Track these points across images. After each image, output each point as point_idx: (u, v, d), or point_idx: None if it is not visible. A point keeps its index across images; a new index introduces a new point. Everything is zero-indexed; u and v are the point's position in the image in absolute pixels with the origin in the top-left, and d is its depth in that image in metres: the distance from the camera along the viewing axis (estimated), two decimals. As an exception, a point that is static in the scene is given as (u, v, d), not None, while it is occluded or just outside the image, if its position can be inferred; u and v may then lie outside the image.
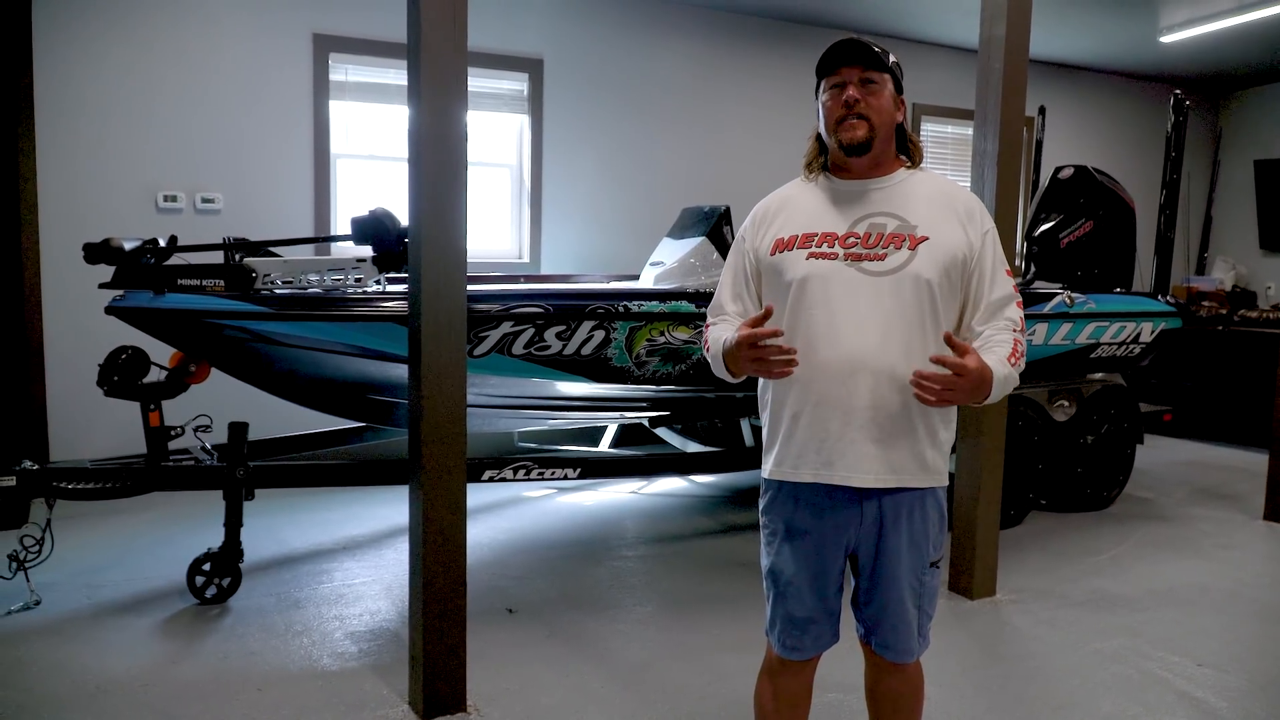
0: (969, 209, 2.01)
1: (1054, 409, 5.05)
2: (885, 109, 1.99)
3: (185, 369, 3.73)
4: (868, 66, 1.97)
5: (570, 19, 6.19)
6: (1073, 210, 5.25)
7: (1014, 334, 1.97)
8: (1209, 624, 3.68)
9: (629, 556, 4.37)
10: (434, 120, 2.67)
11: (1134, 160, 8.55)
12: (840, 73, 1.98)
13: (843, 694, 2.94)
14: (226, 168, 5.28)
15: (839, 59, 1.98)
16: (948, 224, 1.97)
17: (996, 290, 1.99)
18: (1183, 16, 6.67)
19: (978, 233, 1.99)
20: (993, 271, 1.99)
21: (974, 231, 1.99)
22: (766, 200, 2.15)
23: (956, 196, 2.03)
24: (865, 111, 1.96)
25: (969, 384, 1.80)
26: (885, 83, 1.99)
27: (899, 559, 2.01)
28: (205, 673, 3.09)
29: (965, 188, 2.10)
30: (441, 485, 2.79)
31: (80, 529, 4.42)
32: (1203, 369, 7.43)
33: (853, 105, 1.96)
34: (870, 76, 1.97)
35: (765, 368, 1.90)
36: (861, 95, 1.96)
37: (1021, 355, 1.95)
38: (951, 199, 2.02)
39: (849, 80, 1.97)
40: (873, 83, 1.97)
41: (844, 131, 1.98)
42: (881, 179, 2.03)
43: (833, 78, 2.00)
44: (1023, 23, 3.67)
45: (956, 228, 1.97)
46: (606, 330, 3.87)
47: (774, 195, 2.15)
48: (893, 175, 2.04)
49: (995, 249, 2.01)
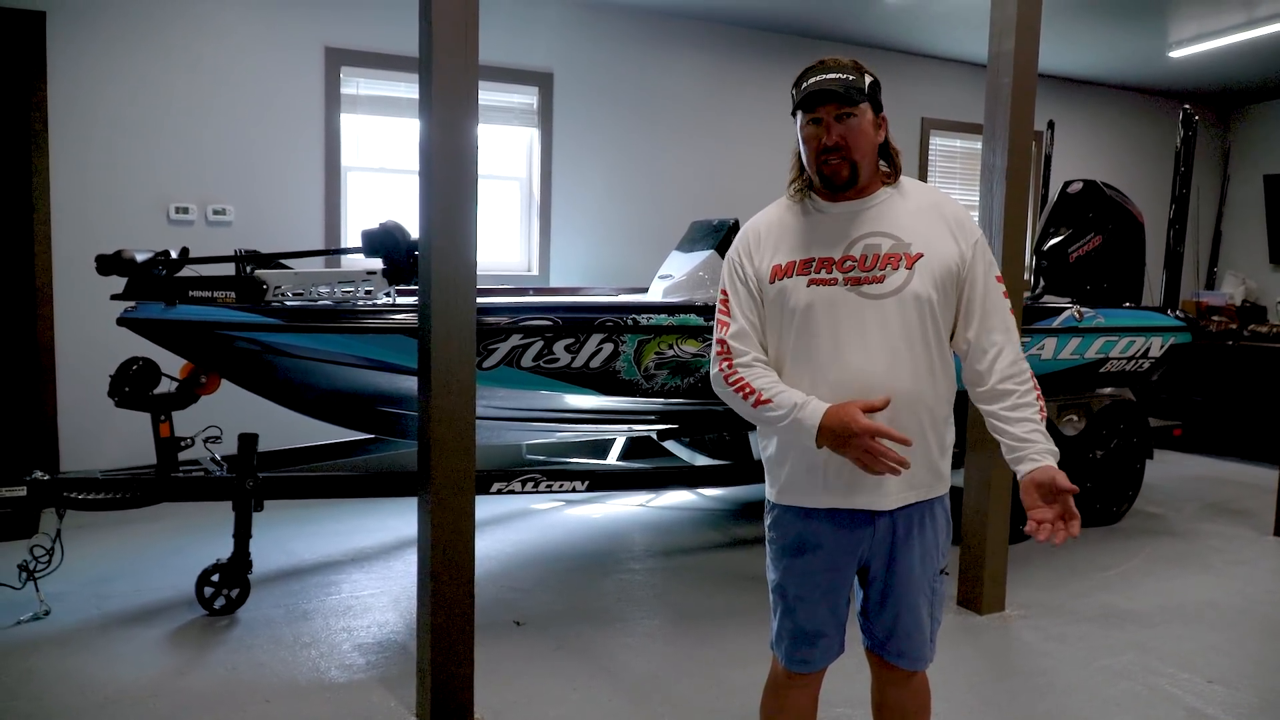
0: (957, 218, 2.01)
1: (1063, 424, 5.04)
2: (866, 142, 1.96)
3: (196, 380, 3.75)
4: (843, 104, 1.93)
5: (580, 33, 6.22)
6: (1082, 225, 5.25)
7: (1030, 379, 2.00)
8: (1219, 640, 3.66)
9: (637, 569, 4.37)
10: (444, 133, 2.69)
11: (1143, 175, 8.55)
12: (817, 110, 1.94)
13: (849, 709, 2.93)
14: (238, 180, 5.31)
15: (816, 100, 1.93)
16: (939, 236, 1.97)
17: (990, 299, 2.00)
18: (1192, 31, 6.67)
19: (968, 242, 1.99)
20: (985, 280, 2.00)
21: (964, 241, 1.99)
22: (754, 223, 2.11)
23: (943, 206, 2.03)
24: (847, 153, 1.93)
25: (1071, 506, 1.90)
26: (864, 112, 1.95)
27: (912, 570, 2.02)
28: (213, 684, 3.10)
29: (948, 195, 2.09)
30: (450, 497, 2.79)
31: (90, 539, 4.43)
32: (1212, 384, 7.40)
33: (834, 150, 1.93)
34: (848, 111, 1.93)
35: (870, 460, 1.84)
36: (842, 134, 1.93)
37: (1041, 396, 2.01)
38: (939, 208, 2.02)
39: (827, 120, 1.93)
40: (851, 116, 1.93)
41: (828, 172, 1.95)
42: (869, 198, 2.01)
43: (809, 113, 1.96)
44: (1032, 37, 3.68)
45: (948, 239, 1.98)
46: (615, 343, 3.88)
47: (761, 218, 2.11)
48: (878, 194, 2.01)
49: (985, 256, 2.02)
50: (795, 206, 2.07)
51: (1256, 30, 6.44)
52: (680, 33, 6.53)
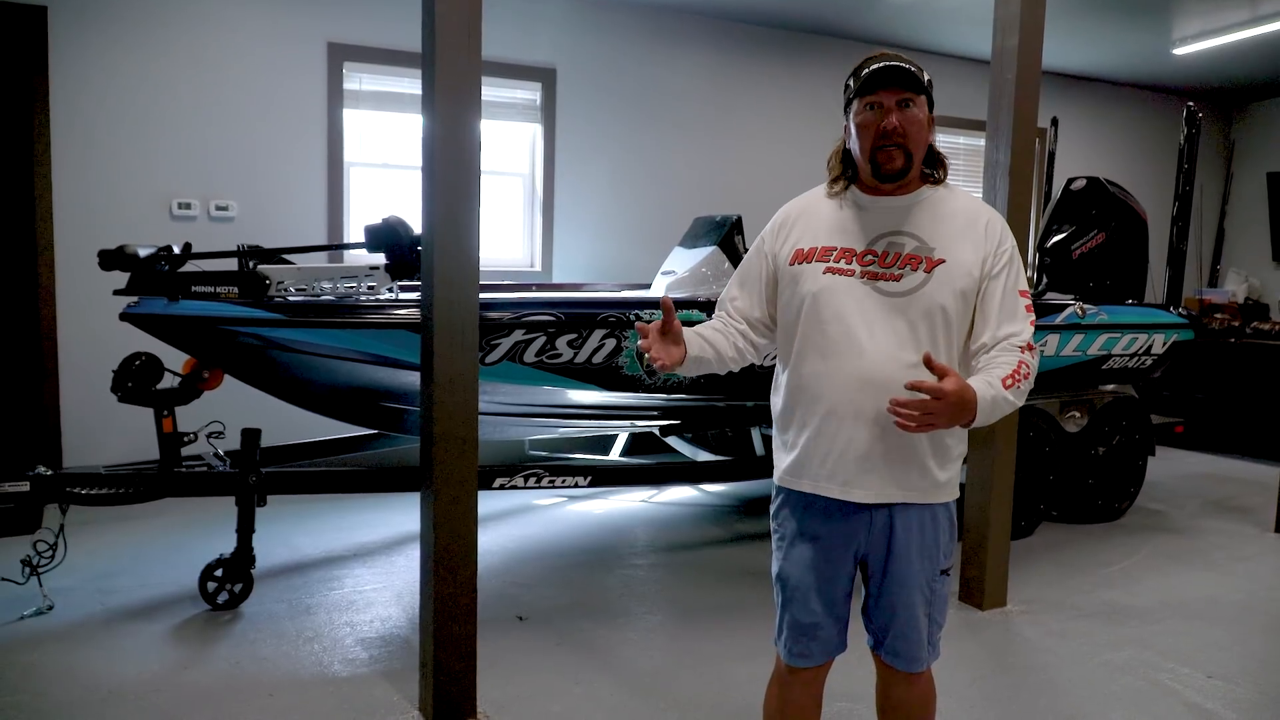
0: (989, 227, 1.99)
1: (1065, 420, 5.04)
2: (922, 133, 1.96)
3: (199, 375, 3.75)
4: (906, 89, 1.92)
5: (583, 29, 6.22)
6: (1085, 221, 5.24)
7: (1021, 353, 1.91)
8: (1220, 636, 3.67)
9: (639, 565, 4.37)
10: (448, 129, 2.69)
11: (1146, 172, 8.53)
12: (878, 94, 1.93)
13: (851, 703, 2.93)
14: (241, 175, 5.31)
15: (878, 82, 1.93)
16: (966, 245, 1.95)
17: (1006, 309, 1.95)
18: (1196, 28, 6.65)
19: (993, 251, 1.96)
20: (1004, 292, 1.96)
21: (989, 249, 1.96)
22: (790, 206, 2.14)
23: (978, 214, 2.01)
24: (904, 141, 1.93)
25: (948, 407, 1.73)
26: (922, 105, 1.96)
27: (909, 566, 2.00)
28: (216, 678, 3.11)
29: (989, 206, 2.06)
30: (453, 493, 2.80)
31: (93, 534, 4.44)
32: (1215, 381, 7.40)
33: (892, 134, 1.92)
34: (908, 98, 1.93)
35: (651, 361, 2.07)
36: (901, 122, 1.92)
37: (1026, 376, 1.88)
38: (973, 217, 2.00)
39: (888, 105, 1.92)
40: (911, 105, 1.93)
41: (882, 159, 1.94)
42: (905, 196, 2.00)
43: (869, 98, 1.94)
44: (1035, 34, 3.68)
45: (973, 248, 1.95)
46: (618, 339, 3.88)
47: (798, 201, 2.14)
48: (917, 193, 2.01)
49: (1012, 266, 1.98)
50: (831, 198, 2.08)
51: (1261, 28, 6.42)
52: (684, 28, 6.52)
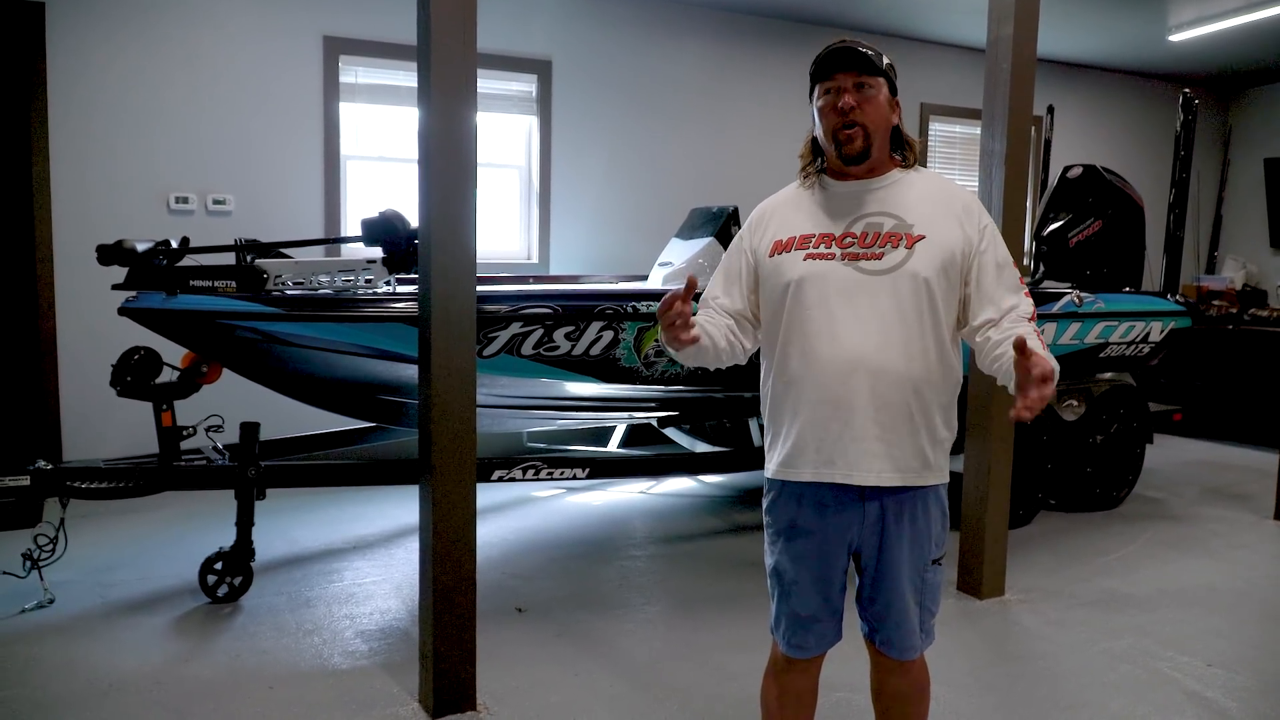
0: (966, 206, 2.02)
1: (1063, 408, 5.05)
2: (880, 114, 1.99)
3: (197, 369, 3.75)
4: (862, 71, 1.96)
5: (579, 20, 6.20)
6: (1082, 209, 5.25)
7: (1030, 323, 1.93)
8: (1219, 624, 3.68)
9: (637, 556, 4.38)
10: (444, 122, 2.69)
11: (1143, 159, 8.53)
12: (835, 78, 1.97)
13: (849, 693, 2.94)
14: (237, 169, 5.31)
15: (833, 65, 1.98)
16: (945, 222, 1.97)
17: (1003, 283, 1.98)
18: (1192, 15, 6.64)
19: (975, 228, 1.99)
20: (997, 266, 1.98)
21: (971, 227, 1.99)
22: (765, 203, 2.17)
23: (954, 194, 2.04)
24: (861, 119, 1.96)
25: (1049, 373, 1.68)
26: (880, 87, 1.99)
27: (901, 557, 2.01)
28: (217, 671, 3.12)
29: (962, 186, 2.09)
30: (451, 485, 2.80)
31: (93, 528, 4.45)
32: (1212, 368, 7.41)
33: (848, 113, 1.96)
34: (865, 81, 1.97)
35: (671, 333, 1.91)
36: (857, 102, 1.96)
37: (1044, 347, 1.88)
38: (949, 196, 2.02)
39: (844, 86, 1.96)
40: (868, 88, 1.97)
41: (842, 142, 1.98)
42: (878, 179, 2.03)
43: (827, 83, 1.99)
44: (1031, 22, 3.67)
45: (954, 225, 1.98)
46: (615, 331, 3.88)
47: (772, 199, 2.17)
48: (888, 175, 2.04)
49: (995, 243, 2.01)
50: (804, 189, 2.10)
51: (1256, 13, 6.41)
52: (679, 19, 6.51)
